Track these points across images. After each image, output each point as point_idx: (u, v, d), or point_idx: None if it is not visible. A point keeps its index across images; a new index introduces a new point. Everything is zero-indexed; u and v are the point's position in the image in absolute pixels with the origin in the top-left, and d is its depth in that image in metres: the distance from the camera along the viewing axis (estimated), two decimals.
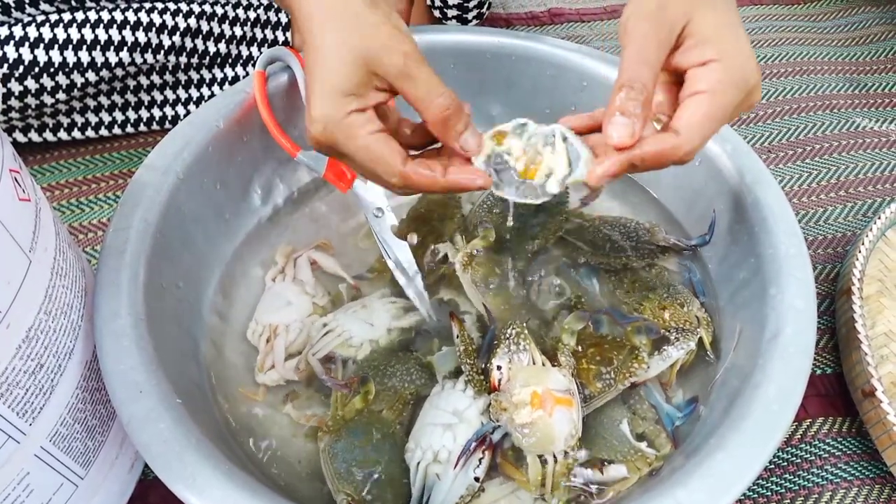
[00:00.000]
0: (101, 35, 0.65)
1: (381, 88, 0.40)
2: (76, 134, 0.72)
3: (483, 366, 0.48)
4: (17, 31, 0.63)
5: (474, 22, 0.75)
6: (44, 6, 0.64)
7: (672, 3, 0.39)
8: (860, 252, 0.59)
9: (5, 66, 0.62)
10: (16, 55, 0.63)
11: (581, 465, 0.45)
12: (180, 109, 0.73)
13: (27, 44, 0.63)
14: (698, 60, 0.39)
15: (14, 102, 0.65)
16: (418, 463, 0.45)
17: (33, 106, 0.66)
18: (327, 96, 0.39)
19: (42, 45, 0.63)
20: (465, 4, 0.73)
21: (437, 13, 0.74)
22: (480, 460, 0.44)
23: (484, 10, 0.75)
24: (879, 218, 0.62)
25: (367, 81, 0.40)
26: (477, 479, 0.43)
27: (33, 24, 0.63)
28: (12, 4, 0.63)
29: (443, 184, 0.41)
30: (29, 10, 0.64)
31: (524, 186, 0.42)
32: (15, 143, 0.70)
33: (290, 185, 0.63)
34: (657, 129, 0.41)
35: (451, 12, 0.74)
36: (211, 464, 0.38)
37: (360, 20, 0.39)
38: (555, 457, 0.44)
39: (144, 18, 0.66)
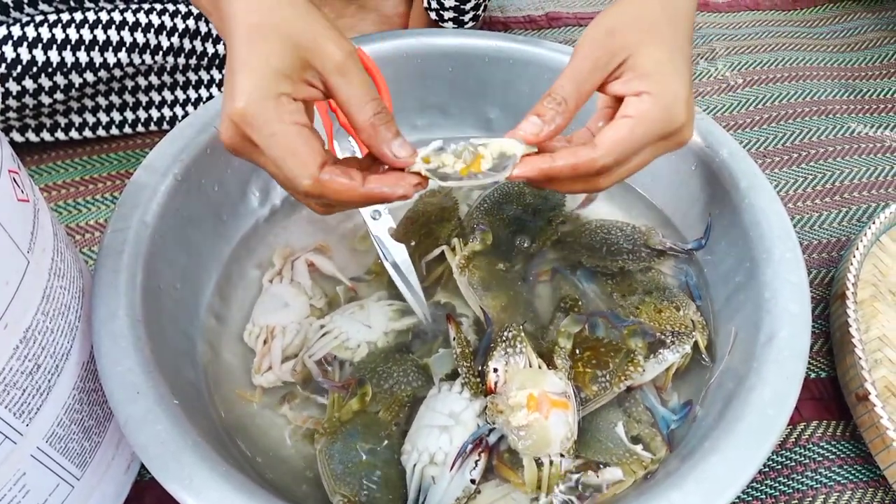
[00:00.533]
0: (100, 35, 0.65)
1: (311, 84, 0.38)
2: (74, 134, 0.71)
3: (480, 368, 0.48)
4: (16, 31, 0.63)
5: (470, 24, 0.76)
6: (42, 6, 0.64)
7: (619, 34, 0.41)
8: (854, 257, 0.59)
9: (3, 65, 0.62)
10: (14, 55, 0.63)
11: (576, 468, 0.45)
12: (178, 110, 0.73)
13: (25, 44, 0.63)
14: (634, 91, 0.41)
15: (12, 102, 0.65)
16: (414, 465, 0.45)
17: (31, 106, 0.66)
18: (256, 72, 0.36)
19: (40, 45, 0.63)
20: (462, 7, 0.73)
21: (433, 15, 0.74)
22: (476, 462, 0.44)
23: (480, 11, 0.75)
24: (874, 223, 0.62)
25: (300, 68, 0.37)
26: (473, 482, 0.43)
27: (32, 24, 0.63)
28: (11, 4, 0.63)
29: (361, 194, 0.38)
30: (28, 9, 0.64)
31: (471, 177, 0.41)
32: (12, 143, 0.70)
33: None
34: None
35: (448, 14, 0.74)
36: (208, 465, 0.38)
37: (297, 10, 0.37)
38: (550, 459, 0.44)
39: (143, 19, 0.66)
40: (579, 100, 0.41)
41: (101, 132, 0.72)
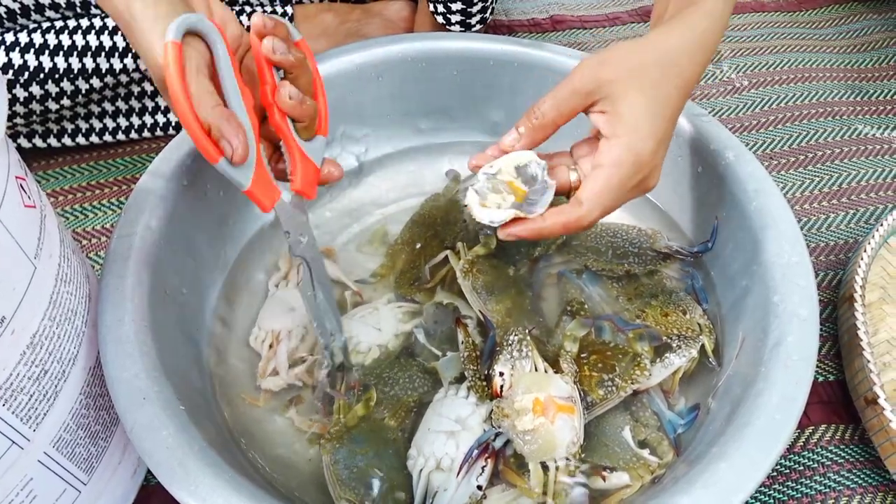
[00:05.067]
0: (106, 41, 0.65)
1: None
2: (80, 140, 0.72)
3: (485, 372, 0.48)
4: (23, 38, 0.63)
5: (477, 27, 0.76)
6: (49, 13, 0.65)
7: (608, 65, 0.43)
8: (862, 259, 0.59)
9: (10, 72, 0.63)
10: (21, 61, 0.63)
11: (583, 472, 0.45)
12: None
13: (32, 50, 0.63)
14: (607, 132, 0.43)
15: (19, 108, 0.65)
16: (420, 470, 0.45)
17: (38, 112, 0.67)
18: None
19: (47, 52, 0.64)
20: (469, 10, 0.73)
21: (440, 19, 0.74)
22: (483, 468, 0.44)
23: (487, 14, 0.75)
24: (881, 225, 0.62)
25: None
26: (479, 488, 0.43)
27: (38, 31, 0.64)
28: (18, 11, 0.64)
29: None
30: (34, 16, 0.64)
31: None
32: (19, 149, 0.70)
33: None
34: (571, 180, 0.45)
35: (455, 18, 0.74)
36: (213, 471, 0.38)
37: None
38: (556, 463, 0.44)
39: None
40: (557, 118, 0.44)
41: (107, 138, 0.72)
